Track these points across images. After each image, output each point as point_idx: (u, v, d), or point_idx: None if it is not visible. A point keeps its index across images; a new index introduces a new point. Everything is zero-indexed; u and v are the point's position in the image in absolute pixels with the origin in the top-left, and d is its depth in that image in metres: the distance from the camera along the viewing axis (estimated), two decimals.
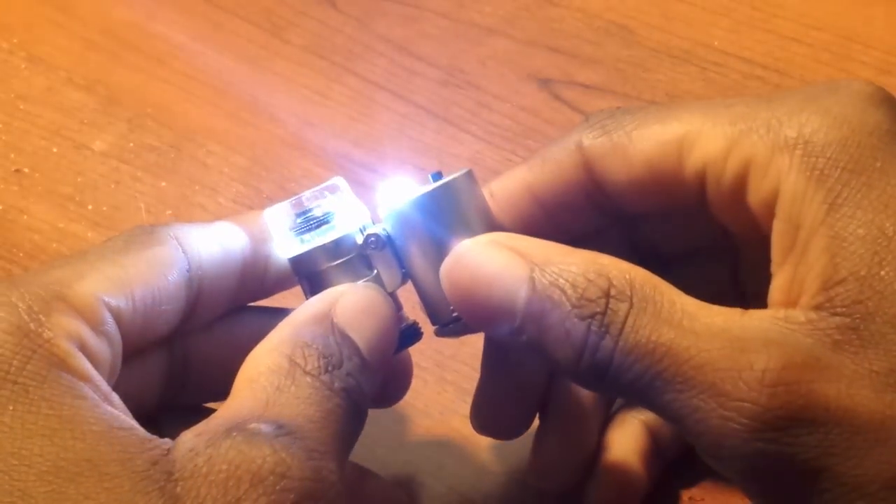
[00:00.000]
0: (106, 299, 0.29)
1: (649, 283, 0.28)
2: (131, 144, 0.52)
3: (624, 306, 0.28)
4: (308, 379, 0.29)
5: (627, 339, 0.28)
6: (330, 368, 0.29)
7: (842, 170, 0.27)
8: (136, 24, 0.58)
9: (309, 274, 0.33)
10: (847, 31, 0.54)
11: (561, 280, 0.29)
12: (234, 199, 0.50)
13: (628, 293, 0.28)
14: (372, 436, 0.41)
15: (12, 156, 0.52)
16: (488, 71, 0.54)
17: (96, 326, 0.29)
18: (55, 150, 0.52)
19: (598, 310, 0.28)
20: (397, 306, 0.34)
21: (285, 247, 0.33)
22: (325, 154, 0.51)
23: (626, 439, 0.37)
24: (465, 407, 0.42)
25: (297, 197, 0.33)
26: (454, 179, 0.32)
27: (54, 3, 0.59)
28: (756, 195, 0.29)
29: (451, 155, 0.51)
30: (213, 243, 0.33)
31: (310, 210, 0.33)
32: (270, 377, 0.29)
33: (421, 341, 0.34)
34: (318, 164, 0.51)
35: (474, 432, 0.41)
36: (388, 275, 0.33)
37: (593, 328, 0.28)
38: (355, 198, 0.33)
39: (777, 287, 0.29)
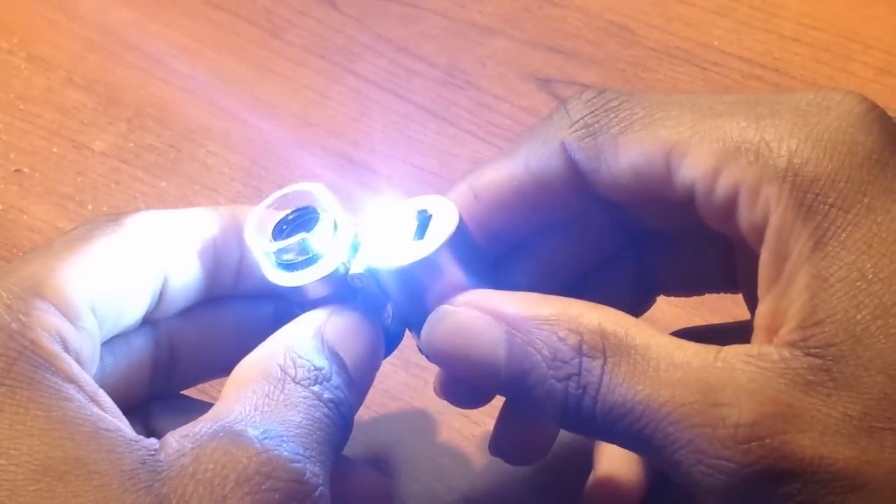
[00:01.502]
0: (80, 292, 0.29)
1: (621, 328, 0.28)
2: (131, 144, 0.52)
3: (598, 364, 0.28)
4: (298, 388, 0.29)
5: (605, 399, 0.28)
6: (320, 380, 0.30)
7: (830, 206, 0.27)
8: (135, 24, 0.58)
9: (296, 298, 0.33)
10: (847, 31, 0.54)
11: (535, 339, 0.29)
12: (234, 199, 0.50)
13: (601, 346, 0.28)
14: (371, 436, 0.41)
15: (12, 156, 0.52)
16: (488, 71, 0.55)
17: (75, 322, 0.29)
18: (55, 150, 0.52)
19: (573, 371, 0.28)
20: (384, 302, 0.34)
21: (270, 274, 0.33)
22: (325, 154, 0.51)
23: None
24: None
25: (278, 219, 0.33)
26: (442, 246, 0.31)
27: (54, 3, 0.59)
28: (745, 219, 0.29)
29: (451, 155, 0.51)
30: (180, 229, 0.33)
31: (296, 245, 0.32)
32: (261, 384, 0.29)
33: None
34: (318, 165, 0.51)
35: (474, 432, 0.41)
36: (374, 299, 0.33)
37: (570, 389, 0.28)
38: (335, 204, 0.33)
39: (761, 313, 0.29)
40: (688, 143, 0.29)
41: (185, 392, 0.36)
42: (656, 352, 0.28)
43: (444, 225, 0.32)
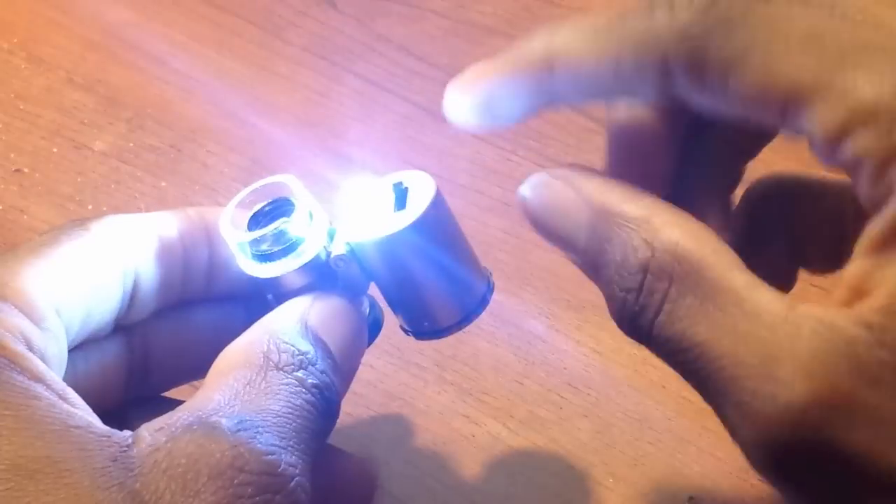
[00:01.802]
0: (44, 294, 0.29)
1: (699, 253, 0.27)
2: (131, 144, 0.52)
3: (662, 285, 0.27)
4: (280, 374, 0.29)
5: (663, 327, 0.27)
6: (305, 365, 0.29)
7: None
8: (136, 24, 0.58)
9: (274, 290, 0.33)
10: None
11: (612, 237, 0.28)
12: None
13: (669, 270, 0.27)
14: (372, 436, 0.41)
15: (12, 156, 0.52)
16: None
17: (39, 323, 0.29)
18: (55, 150, 0.52)
19: (634, 285, 0.27)
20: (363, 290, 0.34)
21: (247, 267, 0.33)
22: (324, 154, 0.51)
23: None
24: (466, 407, 0.42)
25: (252, 212, 0.33)
26: (424, 214, 0.31)
27: (54, 3, 0.59)
28: (863, 189, 0.26)
29: (451, 155, 0.51)
30: (148, 232, 0.33)
31: (273, 235, 0.32)
32: (242, 371, 0.29)
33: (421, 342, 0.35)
34: (317, 165, 0.51)
35: (474, 432, 0.41)
36: (354, 284, 0.33)
37: (629, 303, 0.27)
38: (308, 194, 0.33)
39: (852, 271, 0.26)
40: (811, 93, 0.25)
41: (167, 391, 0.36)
42: (728, 291, 0.26)
43: (423, 194, 0.32)
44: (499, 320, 0.34)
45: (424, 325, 0.33)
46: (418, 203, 0.31)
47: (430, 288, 0.32)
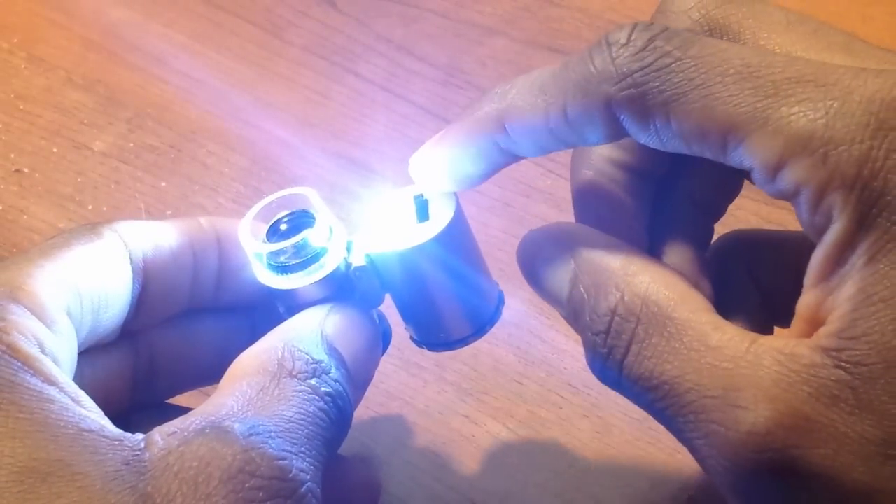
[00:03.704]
0: (55, 297, 0.29)
1: (666, 297, 0.28)
2: (131, 144, 0.52)
3: (629, 327, 0.28)
4: (293, 382, 0.29)
5: (631, 368, 0.28)
6: (318, 373, 0.30)
7: (892, 223, 0.25)
8: (136, 24, 0.58)
9: (288, 302, 0.33)
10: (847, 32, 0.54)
11: (588, 287, 0.29)
12: (234, 199, 0.50)
13: (637, 311, 0.28)
14: (372, 436, 0.41)
15: (12, 156, 0.52)
16: (488, 71, 0.55)
17: (51, 326, 0.29)
18: (55, 150, 0.52)
19: (602, 328, 0.28)
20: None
21: (264, 278, 0.32)
22: (325, 154, 0.51)
23: None
24: (465, 407, 0.42)
25: (270, 222, 0.33)
26: (450, 225, 0.31)
27: (54, 4, 0.59)
28: (804, 216, 0.27)
29: None
30: (159, 239, 0.33)
31: (293, 247, 0.32)
32: (256, 377, 0.29)
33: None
34: (318, 164, 0.51)
35: (474, 432, 0.41)
36: (370, 296, 0.33)
37: (598, 346, 0.29)
38: (326, 208, 0.33)
39: (804, 304, 0.28)
40: (748, 127, 0.26)
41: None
42: (693, 330, 0.27)
43: (445, 205, 0.32)
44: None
45: (439, 337, 0.34)
46: (441, 215, 0.32)
47: (448, 300, 0.33)
